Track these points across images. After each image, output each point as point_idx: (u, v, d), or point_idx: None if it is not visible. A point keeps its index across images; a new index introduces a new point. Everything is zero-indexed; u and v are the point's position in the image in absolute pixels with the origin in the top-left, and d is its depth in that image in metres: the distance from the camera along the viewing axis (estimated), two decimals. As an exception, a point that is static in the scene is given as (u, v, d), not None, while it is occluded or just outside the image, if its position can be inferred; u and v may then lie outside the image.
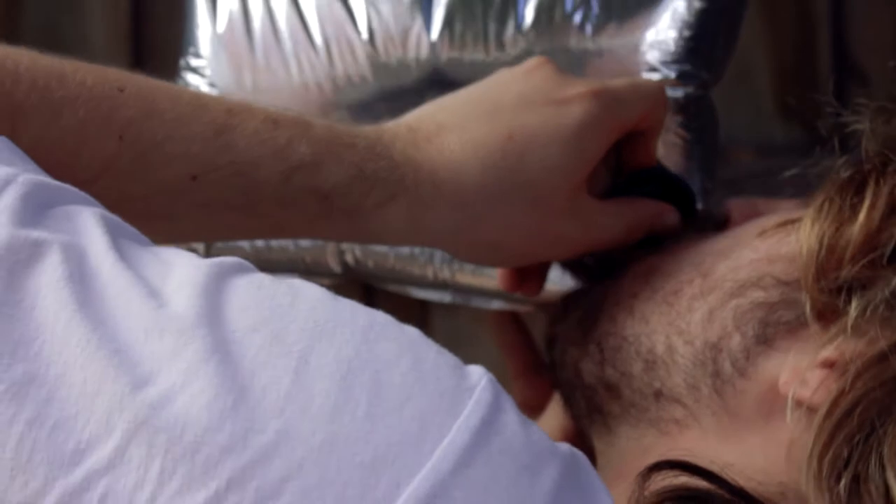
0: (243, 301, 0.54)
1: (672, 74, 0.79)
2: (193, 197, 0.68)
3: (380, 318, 0.55)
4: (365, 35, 0.86)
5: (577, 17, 0.81)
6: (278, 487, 0.50)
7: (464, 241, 0.75)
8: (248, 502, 0.49)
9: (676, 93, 0.80)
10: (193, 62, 0.91)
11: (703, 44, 0.80)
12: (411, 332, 0.55)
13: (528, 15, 0.82)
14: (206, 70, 0.90)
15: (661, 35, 0.79)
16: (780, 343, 0.69)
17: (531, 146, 0.73)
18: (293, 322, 0.53)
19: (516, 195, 0.73)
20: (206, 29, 0.90)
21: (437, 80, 0.84)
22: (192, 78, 0.90)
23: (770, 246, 0.73)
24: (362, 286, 1.00)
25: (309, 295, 0.55)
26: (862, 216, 0.69)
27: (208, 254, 0.86)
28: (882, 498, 0.60)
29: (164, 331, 0.52)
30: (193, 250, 0.72)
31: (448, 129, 0.73)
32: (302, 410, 0.51)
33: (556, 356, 0.80)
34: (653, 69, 0.80)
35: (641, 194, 0.79)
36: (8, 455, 0.50)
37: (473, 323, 1.14)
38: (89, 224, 0.55)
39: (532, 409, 0.88)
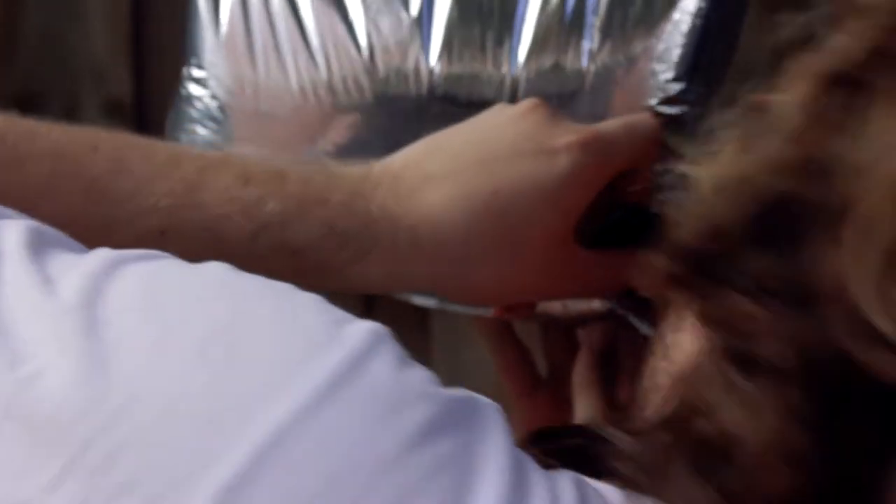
0: (131, 284, 0.55)
1: (670, 92, 0.79)
2: (165, 251, 0.69)
3: (275, 287, 0.56)
4: (364, 49, 0.86)
5: (575, 36, 0.81)
6: (124, 450, 0.52)
7: (449, 289, 0.77)
8: (98, 464, 0.52)
9: (673, 110, 0.79)
10: (196, 73, 0.91)
11: (701, 60, 0.79)
12: (303, 297, 0.56)
13: (526, 33, 0.82)
14: (208, 81, 0.91)
15: (659, 54, 0.79)
16: None
17: (515, 201, 0.74)
18: (173, 298, 0.55)
19: (499, 249, 0.74)
20: (208, 41, 0.91)
21: (436, 95, 0.85)
22: (194, 88, 0.91)
23: None
24: (361, 290, 1.00)
25: (206, 274, 0.57)
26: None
27: None
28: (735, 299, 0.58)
29: (46, 314, 0.54)
30: None
31: (433, 181, 0.74)
32: (154, 375, 0.53)
33: None
34: (653, 88, 0.79)
35: (630, 236, 0.79)
36: None
37: (473, 326, 1.14)
38: (11, 232, 0.57)
39: None
